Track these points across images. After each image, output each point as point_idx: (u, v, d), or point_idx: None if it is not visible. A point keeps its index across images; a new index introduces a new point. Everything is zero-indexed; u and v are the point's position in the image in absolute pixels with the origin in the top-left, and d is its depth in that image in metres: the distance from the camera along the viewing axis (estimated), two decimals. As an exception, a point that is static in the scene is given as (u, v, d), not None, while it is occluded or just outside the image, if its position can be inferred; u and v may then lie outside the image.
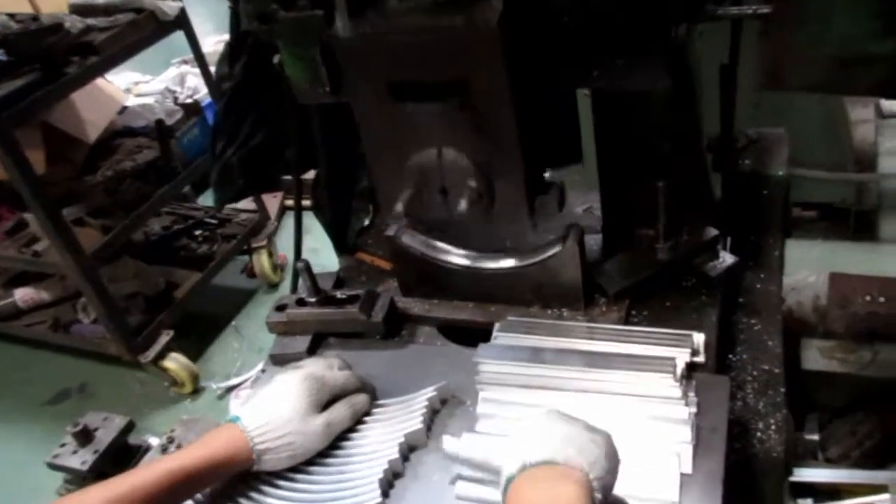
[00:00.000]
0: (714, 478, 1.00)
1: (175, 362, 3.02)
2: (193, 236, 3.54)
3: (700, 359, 1.16)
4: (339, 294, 1.38)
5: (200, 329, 3.42)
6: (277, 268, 3.66)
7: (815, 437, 2.14)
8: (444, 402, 1.22)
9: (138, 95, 4.23)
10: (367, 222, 1.73)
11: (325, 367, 1.19)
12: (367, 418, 1.20)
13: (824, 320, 2.34)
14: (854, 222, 3.05)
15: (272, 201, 3.91)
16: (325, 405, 1.15)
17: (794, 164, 2.23)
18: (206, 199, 4.17)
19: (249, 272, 3.69)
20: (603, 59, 1.07)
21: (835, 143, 2.96)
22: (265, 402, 1.12)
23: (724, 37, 1.38)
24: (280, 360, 1.36)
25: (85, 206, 2.98)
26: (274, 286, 3.65)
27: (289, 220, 4.08)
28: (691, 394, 1.09)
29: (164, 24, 2.94)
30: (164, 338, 3.01)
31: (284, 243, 3.84)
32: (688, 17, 1.05)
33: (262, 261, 3.56)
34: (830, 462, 2.07)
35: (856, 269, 2.47)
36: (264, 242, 3.56)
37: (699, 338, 1.18)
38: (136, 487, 0.98)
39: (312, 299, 1.37)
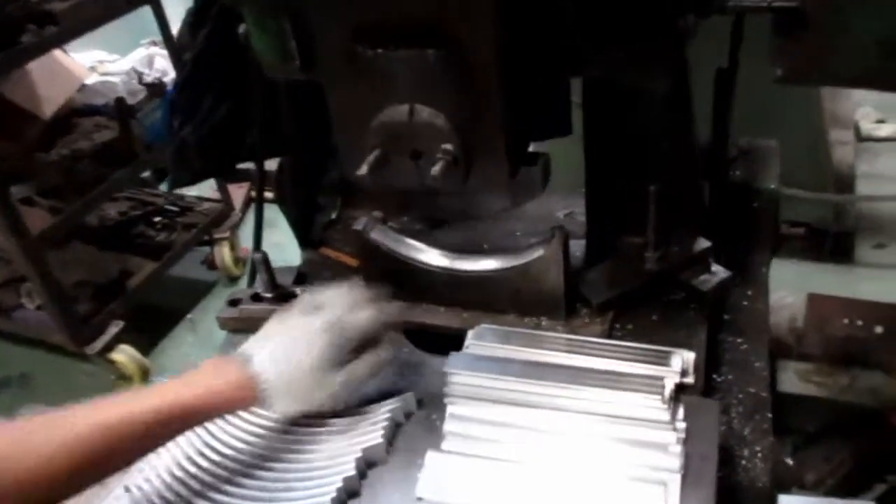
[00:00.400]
0: (704, 509, 0.91)
1: (124, 354, 2.87)
2: (152, 223, 3.38)
3: (689, 380, 1.07)
4: (298, 290, 1.27)
5: (154, 321, 3.26)
6: (239, 261, 3.52)
7: (789, 461, 2.08)
8: (408, 415, 1.11)
9: (103, 75, 4.06)
10: (334, 216, 1.62)
11: (349, 308, 1.07)
12: (324, 429, 1.09)
13: (801, 342, 2.29)
14: (831, 244, 3.01)
15: (238, 192, 3.76)
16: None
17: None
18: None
19: (210, 264, 3.55)
20: (602, 47, 0.97)
21: (816, 163, 2.92)
22: (282, 351, 1.02)
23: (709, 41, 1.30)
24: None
25: (35, 185, 2.82)
26: (234, 279, 3.50)
27: (253, 215, 3.94)
28: (680, 418, 1.00)
29: (131, -2, 2.79)
30: (114, 328, 2.86)
31: (248, 236, 3.68)
32: (698, 5, 0.96)
33: (224, 253, 3.42)
34: (805, 489, 2.00)
35: (831, 292, 2.43)
36: (227, 234, 3.43)
37: (688, 357, 1.09)
38: (123, 420, 0.90)
39: (269, 295, 1.26)
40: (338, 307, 1.08)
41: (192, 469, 1.03)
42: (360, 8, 0.92)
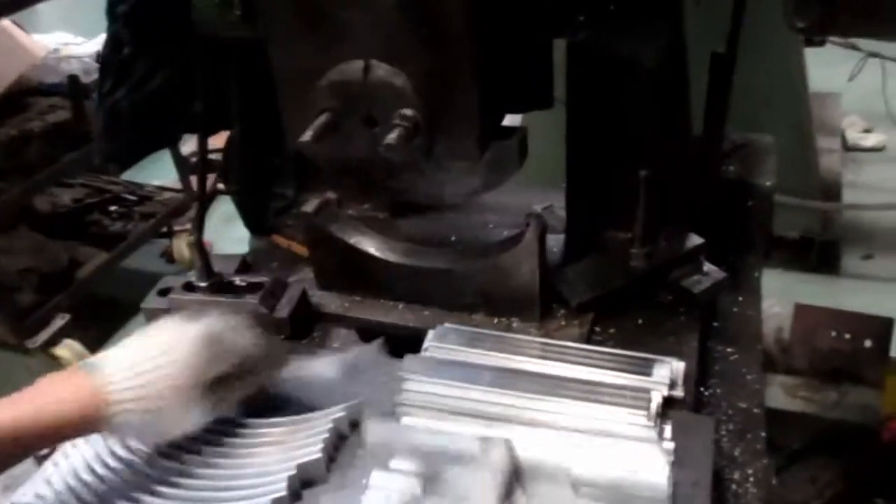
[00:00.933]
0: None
1: (69, 350, 2.68)
2: (107, 212, 3.21)
3: (678, 393, 0.94)
4: (238, 280, 1.11)
5: (104, 315, 3.07)
6: (200, 254, 3.35)
7: (774, 481, 1.96)
8: (354, 425, 0.95)
9: (69, 57, 3.87)
10: (291, 198, 1.46)
11: (232, 329, 0.91)
12: (254, 440, 0.93)
13: (786, 354, 2.18)
14: (818, 254, 2.92)
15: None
16: (219, 379, 0.88)
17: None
18: (132, 175, 3.83)
19: (169, 257, 3.38)
20: (590, 5, 0.83)
21: (803, 170, 2.84)
22: (143, 358, 0.84)
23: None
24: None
25: (-26, 166, 2.63)
26: (195, 274, 3.33)
27: (218, 205, 3.78)
28: (668, 437, 0.86)
29: (87, -31, 2.61)
30: (59, 321, 2.68)
31: (212, 228, 3.54)
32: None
33: (183, 245, 3.26)
34: (790, 512, 1.89)
35: (817, 302, 2.33)
36: (187, 226, 3.27)
37: (677, 366, 0.96)
38: None
39: (203, 284, 1.10)
40: (220, 322, 0.92)
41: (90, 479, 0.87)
42: (306, -59, 0.77)
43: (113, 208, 3.22)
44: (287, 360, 0.99)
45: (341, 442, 0.93)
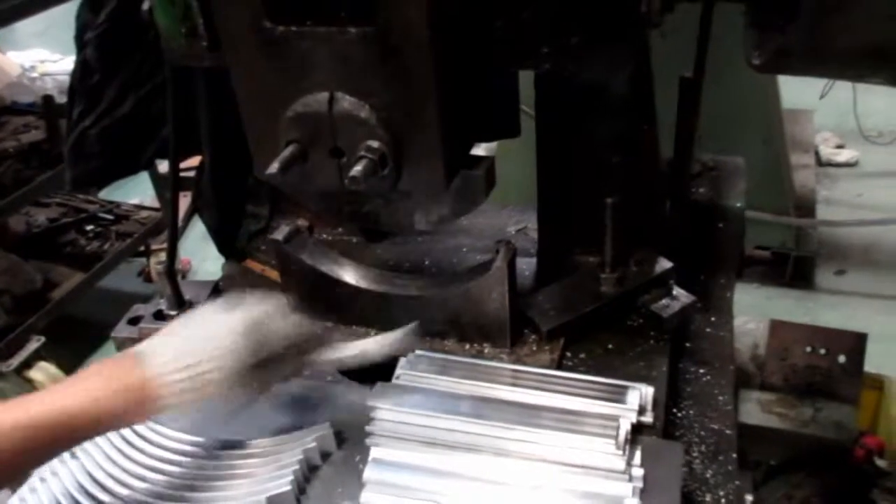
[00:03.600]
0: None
1: (43, 373, 2.65)
2: (83, 231, 3.18)
3: (647, 418, 0.94)
4: (207, 308, 1.10)
5: (80, 336, 3.04)
6: (178, 273, 3.31)
7: (750, 497, 1.96)
8: (325, 455, 0.95)
9: (44, 75, 3.84)
10: (264, 224, 1.45)
11: (272, 314, 0.92)
12: (222, 472, 0.92)
13: (762, 370, 2.20)
14: (792, 269, 2.95)
15: (181, 200, 3.57)
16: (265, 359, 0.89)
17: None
18: (111, 193, 3.81)
19: (146, 276, 3.36)
20: (555, 33, 0.84)
21: (777, 186, 2.87)
22: (190, 349, 0.85)
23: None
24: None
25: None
26: (172, 293, 3.30)
27: (198, 224, 3.76)
28: (636, 464, 0.87)
29: (62, -12, 2.60)
30: (34, 344, 2.65)
31: (190, 247, 3.52)
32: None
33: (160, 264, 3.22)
34: (766, 530, 1.89)
35: (791, 317, 2.36)
36: (165, 245, 3.22)
37: (647, 392, 0.96)
38: None
39: (174, 312, 1.09)
40: (261, 308, 0.92)
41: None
42: (270, -27, 0.77)
43: (89, 227, 3.19)
44: (327, 340, 0.99)
45: (312, 473, 0.93)
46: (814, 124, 3.71)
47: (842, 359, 2.12)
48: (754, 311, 2.51)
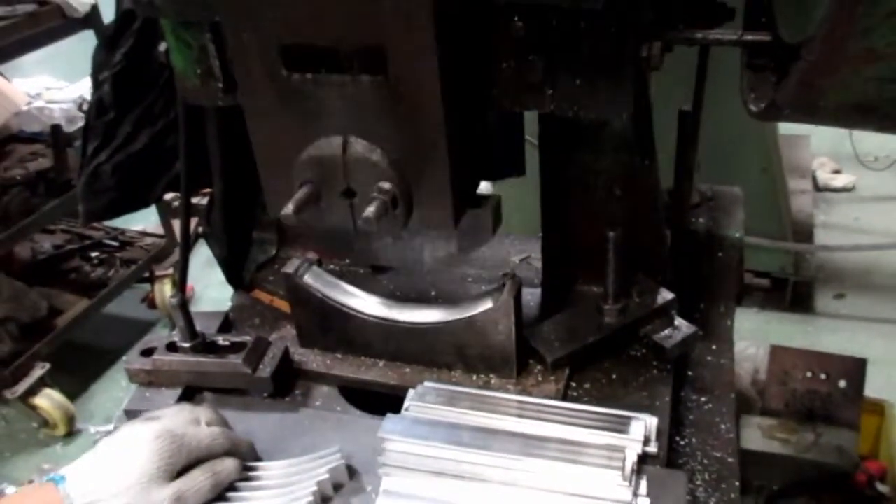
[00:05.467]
0: None
1: (48, 400, 2.67)
2: (88, 258, 3.22)
3: (652, 448, 0.96)
4: (220, 339, 1.13)
5: (84, 362, 3.08)
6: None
7: (752, 524, 1.98)
8: (338, 487, 0.97)
9: (49, 102, 3.89)
10: (270, 255, 1.48)
11: (189, 422, 0.94)
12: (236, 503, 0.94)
13: (763, 396, 2.21)
14: (791, 293, 2.98)
15: (183, 227, 3.61)
16: (181, 471, 0.90)
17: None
18: (114, 220, 3.84)
19: (150, 302, 3.38)
20: (558, 76, 0.87)
21: (775, 212, 2.91)
22: (102, 462, 0.88)
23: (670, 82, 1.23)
24: (137, 417, 1.08)
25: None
26: (176, 319, 3.33)
27: (201, 249, 3.78)
28: (643, 494, 0.89)
29: (71, 22, 2.66)
30: (38, 371, 2.68)
31: (193, 273, 3.53)
32: (662, 32, 0.87)
33: (165, 291, 3.27)
34: (769, 555, 1.90)
35: (791, 342, 2.38)
36: (169, 271, 3.27)
37: (651, 422, 0.98)
38: None
39: (186, 344, 1.11)
40: (180, 418, 0.95)
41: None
42: (286, 25, 0.80)
43: (94, 254, 3.23)
44: (250, 448, 1.01)
45: (336, 494, 0.94)
46: (811, 149, 3.76)
47: (842, 384, 2.14)
48: (754, 335, 2.54)
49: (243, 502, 0.94)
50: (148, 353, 1.14)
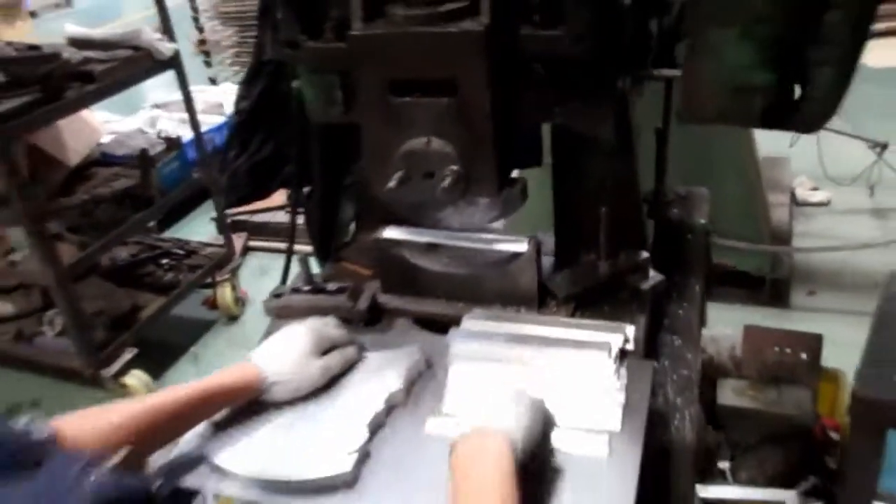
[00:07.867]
0: (637, 432, 1.25)
1: (136, 379, 3.11)
2: (160, 265, 3.67)
3: (630, 346, 1.42)
4: (329, 286, 1.60)
5: (159, 354, 3.51)
6: (238, 301, 3.81)
7: (727, 464, 2.40)
8: (429, 365, 1.43)
9: (111, 133, 4.42)
10: (347, 239, 1.96)
11: (323, 324, 1.43)
12: (355, 375, 1.41)
13: (739, 367, 2.64)
14: (769, 290, 3.40)
15: (237, 240, 4.10)
16: (324, 353, 1.38)
17: (717, 234, 2.60)
18: (175, 232, 4.34)
19: (210, 304, 3.82)
20: (562, 100, 1.35)
21: (752, 220, 3.34)
22: (276, 347, 1.35)
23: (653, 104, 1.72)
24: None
25: (63, 223, 3.12)
26: (234, 318, 3.79)
27: (251, 259, 4.26)
28: (623, 370, 1.35)
29: (158, 63, 3.17)
30: (128, 354, 3.12)
31: (247, 280, 4.01)
32: (630, 71, 1.35)
33: (226, 294, 3.71)
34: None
35: (768, 330, 2.78)
36: (228, 276, 3.72)
37: (630, 329, 1.44)
38: (156, 408, 1.15)
39: (306, 288, 1.59)
40: (318, 322, 1.44)
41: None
42: (393, 69, 1.29)
43: (164, 261, 3.68)
44: (360, 346, 1.49)
45: (418, 377, 1.41)
46: (791, 170, 4.23)
47: (804, 356, 2.56)
48: (736, 325, 2.94)
49: (354, 378, 1.41)
50: (279, 296, 1.61)
